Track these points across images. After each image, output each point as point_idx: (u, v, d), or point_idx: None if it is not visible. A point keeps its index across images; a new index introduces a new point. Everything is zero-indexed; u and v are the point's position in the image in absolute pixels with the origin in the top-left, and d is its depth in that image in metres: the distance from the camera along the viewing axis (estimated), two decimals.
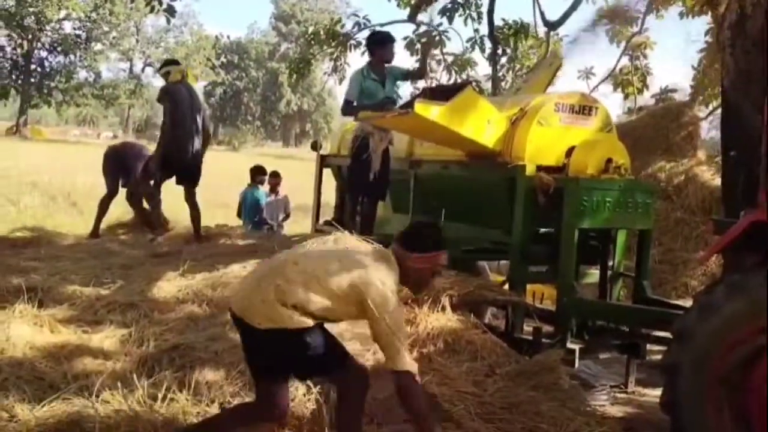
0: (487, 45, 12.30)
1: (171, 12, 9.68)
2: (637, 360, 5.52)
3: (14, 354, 3.79)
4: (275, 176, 9.82)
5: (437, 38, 11.90)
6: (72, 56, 47.29)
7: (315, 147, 7.69)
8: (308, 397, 3.49)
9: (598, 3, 12.37)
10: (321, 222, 7.38)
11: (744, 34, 5.58)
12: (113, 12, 46.20)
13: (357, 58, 12.59)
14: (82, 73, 48.36)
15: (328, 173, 7.53)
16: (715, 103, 11.22)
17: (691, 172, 9.94)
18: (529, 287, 5.59)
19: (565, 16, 11.47)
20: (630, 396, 5.38)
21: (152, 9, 9.67)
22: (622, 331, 5.49)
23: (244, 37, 70.07)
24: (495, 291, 5.24)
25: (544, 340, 5.07)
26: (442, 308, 4.63)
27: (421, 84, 8.80)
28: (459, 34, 13.85)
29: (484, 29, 12.19)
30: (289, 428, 3.39)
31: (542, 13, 11.76)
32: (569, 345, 5.00)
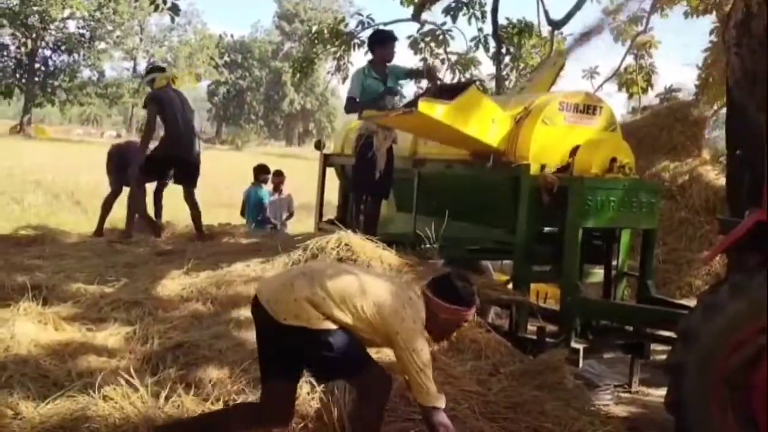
0: (491, 44, 12.29)
1: (175, 10, 9.65)
2: (641, 360, 5.51)
3: (19, 351, 3.78)
4: (278, 175, 9.82)
5: (441, 38, 11.89)
6: (76, 55, 47.43)
7: (318, 146, 7.71)
8: (312, 395, 3.47)
9: (603, 2, 12.39)
10: (323, 221, 7.38)
11: (749, 33, 5.57)
12: (117, 11, 46.32)
13: (360, 57, 12.58)
14: (86, 72, 48.66)
15: (331, 172, 7.53)
16: (719, 103, 11.19)
17: (696, 171, 9.94)
18: (533, 287, 5.60)
19: (569, 15, 11.43)
20: (634, 396, 5.38)
21: (156, 7, 9.66)
22: (626, 330, 5.49)
23: (247, 36, 70.11)
24: (499, 290, 5.25)
25: (548, 339, 5.07)
26: None
27: (424, 83, 8.79)
28: (463, 33, 13.94)
29: (488, 28, 12.19)
30: (292, 427, 3.38)
31: (546, 12, 11.73)
32: (573, 344, 5.01)
